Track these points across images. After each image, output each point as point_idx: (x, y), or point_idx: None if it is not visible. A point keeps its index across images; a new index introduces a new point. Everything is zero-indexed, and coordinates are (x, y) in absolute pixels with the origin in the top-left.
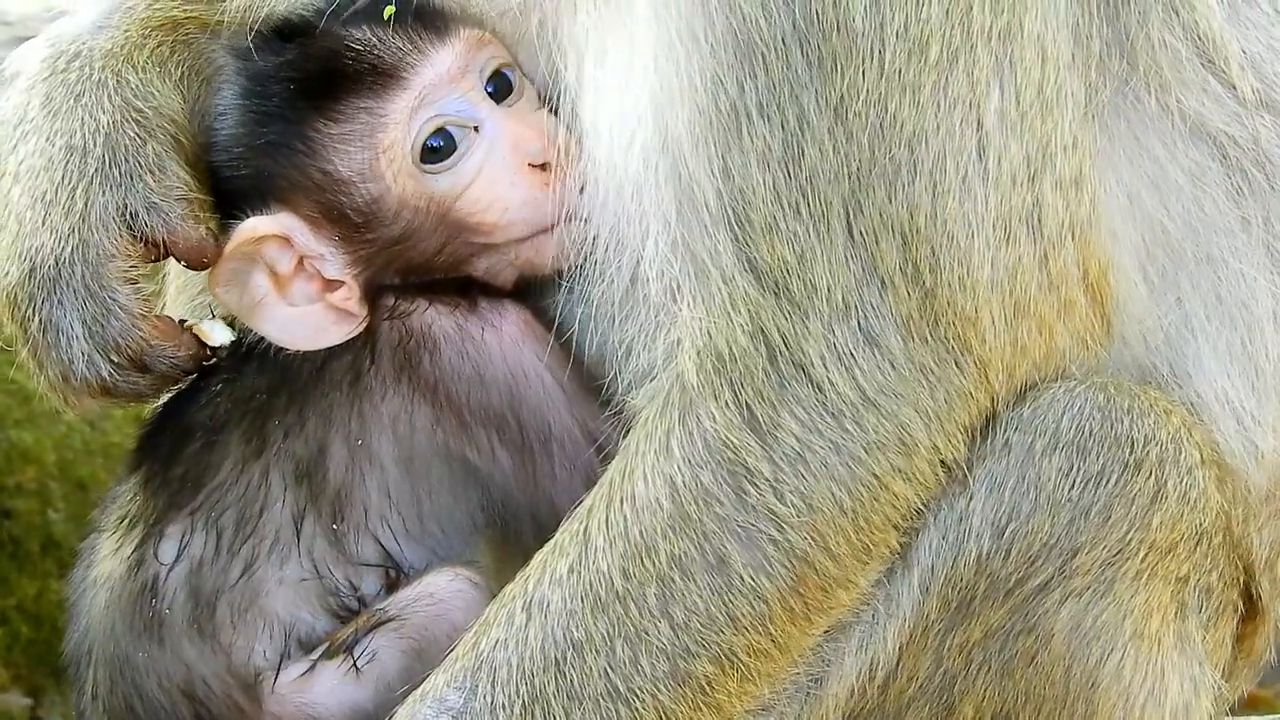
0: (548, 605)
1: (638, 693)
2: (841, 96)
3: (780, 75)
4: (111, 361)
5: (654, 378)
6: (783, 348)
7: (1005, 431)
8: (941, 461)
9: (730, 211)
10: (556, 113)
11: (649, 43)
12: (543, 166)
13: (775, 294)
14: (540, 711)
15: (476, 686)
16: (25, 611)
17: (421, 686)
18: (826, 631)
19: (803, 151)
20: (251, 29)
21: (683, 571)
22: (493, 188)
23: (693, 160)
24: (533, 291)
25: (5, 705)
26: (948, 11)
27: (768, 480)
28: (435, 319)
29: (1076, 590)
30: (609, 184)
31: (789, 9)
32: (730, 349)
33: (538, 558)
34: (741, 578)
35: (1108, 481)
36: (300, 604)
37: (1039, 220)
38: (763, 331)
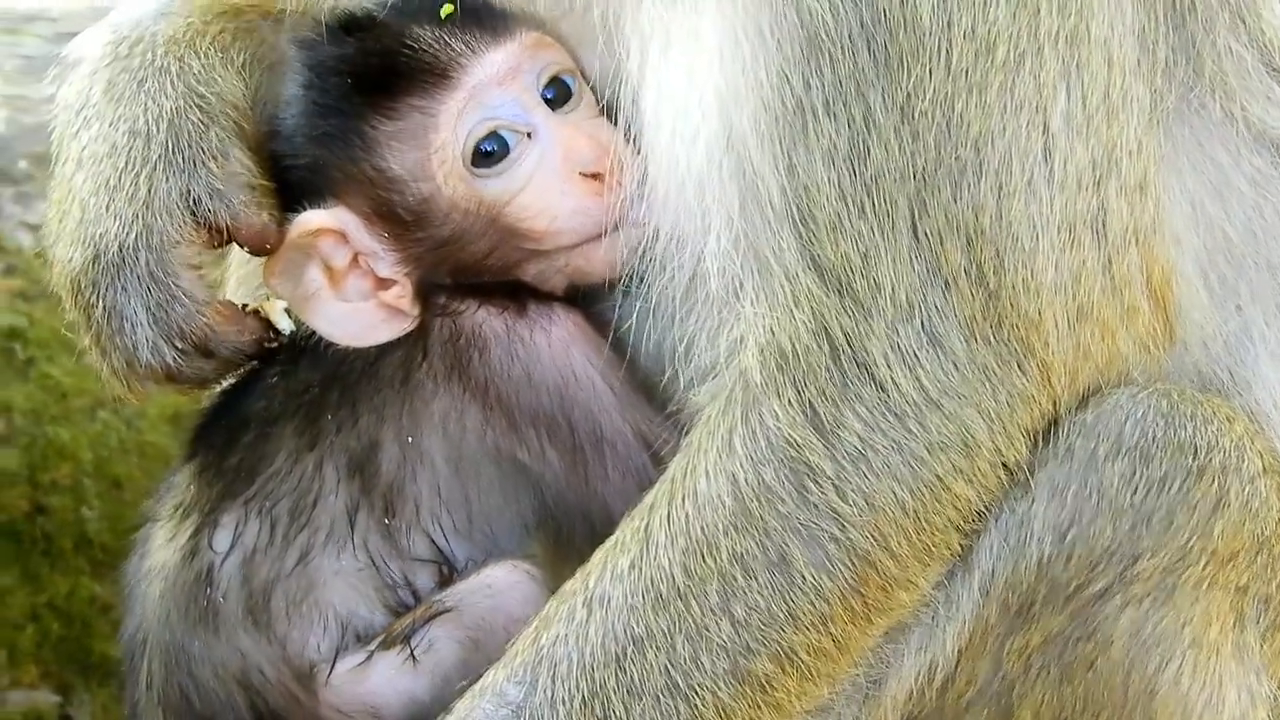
0: (609, 601)
1: (697, 689)
2: (908, 95)
3: (846, 72)
4: (176, 347)
5: (716, 375)
6: (846, 346)
7: (1068, 436)
8: (1003, 464)
9: (794, 208)
10: (615, 116)
11: (714, 37)
12: (595, 176)
13: (839, 292)
14: (600, 707)
15: (536, 681)
16: (56, 609)
17: (481, 681)
18: (886, 632)
19: (868, 150)
20: (314, 20)
21: (744, 569)
22: (543, 195)
23: (757, 156)
24: (588, 292)
25: (34, 702)
26: (1015, 14)
27: (830, 479)
28: (485, 319)
29: (1137, 597)
30: (671, 179)
31: (856, 6)
32: (793, 347)
33: (598, 553)
34: (803, 576)
35: (1170, 488)
36: (356, 596)
37: (1103, 225)
38: (826, 330)
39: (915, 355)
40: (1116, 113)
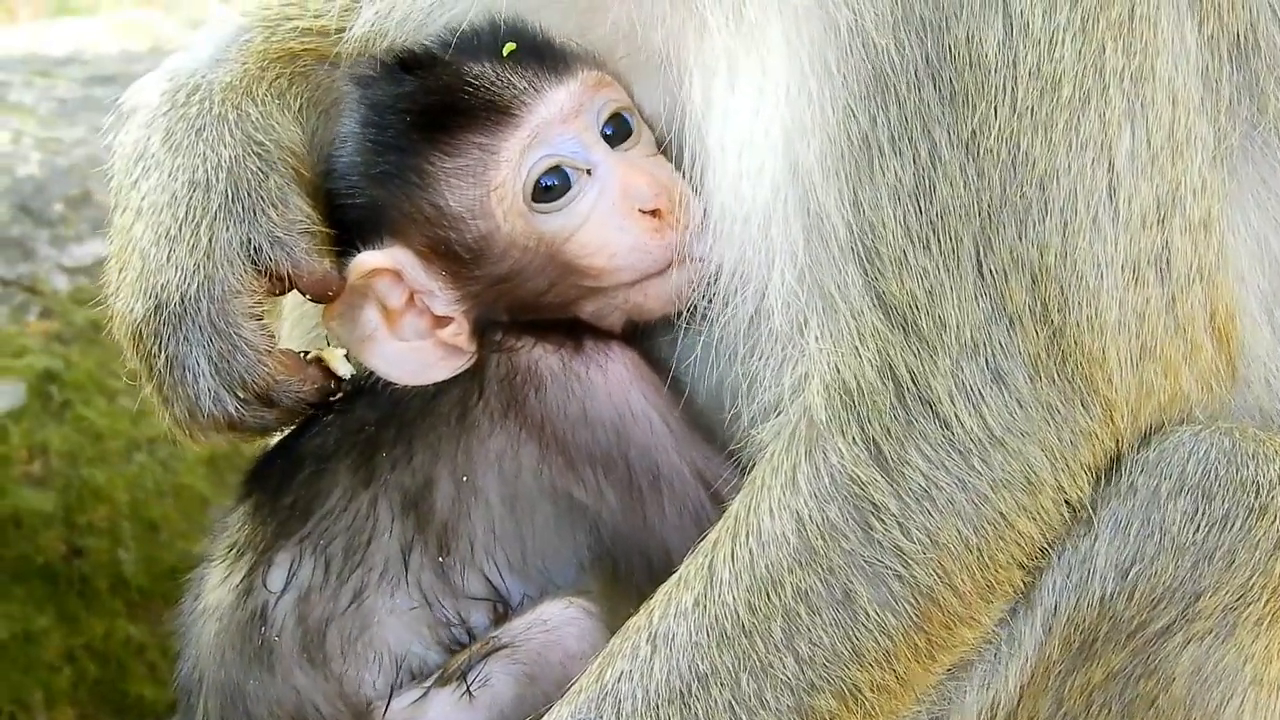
0: (673, 638)
1: None
2: (973, 132)
3: (912, 109)
4: (238, 397)
5: (780, 412)
6: (910, 384)
7: (1131, 474)
8: (1066, 501)
9: (860, 244)
10: (676, 150)
11: (781, 70)
12: (654, 213)
13: (904, 329)
14: None
15: (601, 718)
16: (93, 650)
17: (545, 718)
18: (949, 669)
19: (934, 186)
20: (372, 59)
21: (808, 606)
22: (601, 232)
23: (823, 192)
24: (648, 329)
25: None
26: (1080, 52)
27: (894, 516)
28: (541, 356)
29: (1198, 634)
30: (735, 213)
31: (922, 43)
32: (858, 384)
33: (662, 590)
34: (867, 613)
35: (1232, 525)
36: (410, 634)
37: (1168, 263)
38: (891, 367)
39: (979, 392)
40: (1181, 151)
